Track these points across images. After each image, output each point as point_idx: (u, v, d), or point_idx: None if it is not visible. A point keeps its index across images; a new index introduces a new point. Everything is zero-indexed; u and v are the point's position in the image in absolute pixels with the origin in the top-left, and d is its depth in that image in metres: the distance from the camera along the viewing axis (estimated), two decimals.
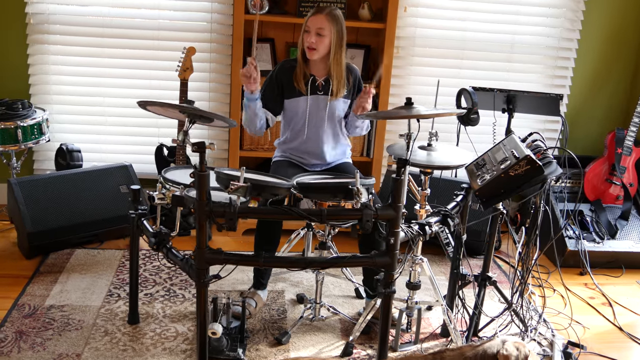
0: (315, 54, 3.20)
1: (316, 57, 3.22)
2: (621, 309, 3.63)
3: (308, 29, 3.18)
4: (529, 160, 2.63)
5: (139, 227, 2.85)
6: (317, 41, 3.16)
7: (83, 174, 3.87)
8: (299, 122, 3.35)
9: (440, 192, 3.82)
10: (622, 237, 4.11)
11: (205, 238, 2.36)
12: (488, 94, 3.42)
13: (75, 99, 4.24)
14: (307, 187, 2.53)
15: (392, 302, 2.55)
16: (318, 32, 3.16)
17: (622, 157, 4.28)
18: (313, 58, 3.22)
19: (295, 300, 3.45)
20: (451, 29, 4.39)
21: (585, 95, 4.70)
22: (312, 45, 3.17)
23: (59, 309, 3.21)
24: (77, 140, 4.26)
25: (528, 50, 4.50)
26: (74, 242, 3.83)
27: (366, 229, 2.38)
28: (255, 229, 3.23)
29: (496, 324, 3.19)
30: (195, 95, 4.22)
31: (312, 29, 3.16)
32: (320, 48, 3.18)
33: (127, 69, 4.22)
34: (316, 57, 3.21)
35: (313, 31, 3.16)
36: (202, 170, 2.28)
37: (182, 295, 3.41)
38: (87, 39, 4.14)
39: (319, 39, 3.16)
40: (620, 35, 4.61)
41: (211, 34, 4.21)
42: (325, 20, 3.15)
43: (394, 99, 4.33)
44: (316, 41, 3.16)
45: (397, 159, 2.38)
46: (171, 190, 2.68)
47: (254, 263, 2.41)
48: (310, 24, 3.17)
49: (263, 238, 3.20)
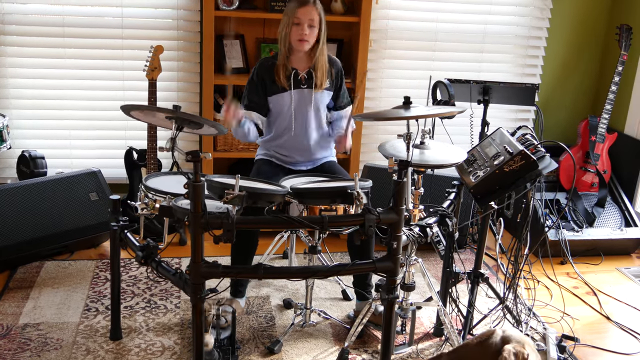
0: (307, 45, 3.16)
1: (307, 49, 3.19)
2: (606, 298, 3.65)
3: (299, 21, 3.11)
4: (524, 155, 2.60)
5: (122, 239, 2.69)
6: (309, 33, 3.12)
7: (51, 182, 3.66)
8: (285, 119, 3.26)
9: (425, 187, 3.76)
10: (599, 225, 4.14)
11: (200, 252, 2.24)
12: (464, 85, 3.38)
13: (37, 102, 4.03)
14: (303, 193, 2.43)
15: (395, 307, 2.48)
16: (310, 23, 3.12)
17: (595, 145, 4.31)
18: (305, 49, 3.17)
19: (282, 305, 3.35)
20: (423, 20, 4.33)
21: (555, 84, 4.72)
22: (305, 37, 3.12)
23: (35, 328, 3.02)
24: (40, 146, 4.05)
25: (499, 40, 4.48)
26: (43, 254, 3.63)
27: (369, 234, 2.29)
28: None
29: (489, 319, 3.16)
30: (164, 95, 4.05)
31: (304, 20, 3.10)
32: (311, 39, 3.16)
33: (91, 69, 4.02)
34: (307, 48, 3.18)
35: (305, 23, 3.11)
36: (196, 180, 2.15)
37: (164, 307, 3.27)
38: (47, 39, 3.92)
39: (311, 30, 3.13)
40: (588, 24, 4.64)
41: (178, 32, 4.04)
42: (315, 11, 3.13)
43: (370, 92, 4.26)
44: (309, 33, 3.12)
45: (398, 161, 2.30)
46: (157, 200, 2.54)
47: (254, 275, 2.29)
48: (302, 16, 3.10)
49: (242, 243, 3.09)
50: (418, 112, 2.34)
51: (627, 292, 3.72)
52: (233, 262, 3.14)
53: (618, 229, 4.11)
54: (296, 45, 3.13)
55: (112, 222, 2.75)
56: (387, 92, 4.39)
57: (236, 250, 3.13)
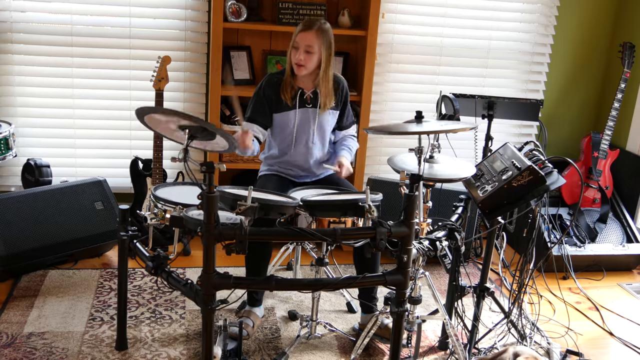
0: (304, 70, 3.12)
1: (304, 74, 3.15)
2: (608, 313, 3.66)
3: (297, 45, 3.10)
4: (532, 171, 2.62)
5: (132, 249, 2.70)
6: (305, 58, 3.08)
7: (56, 191, 3.66)
8: (287, 137, 3.25)
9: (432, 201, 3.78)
10: (601, 240, 4.16)
11: (212, 262, 2.24)
12: (469, 100, 3.41)
13: (43, 111, 4.03)
14: (314, 205, 2.44)
15: (404, 321, 2.48)
16: (307, 49, 3.08)
17: (598, 161, 4.34)
18: (301, 74, 3.15)
19: (288, 317, 3.35)
20: (428, 35, 4.37)
21: (558, 100, 4.76)
22: (300, 62, 3.09)
23: (40, 337, 3.02)
24: (45, 154, 4.04)
25: (503, 55, 4.51)
26: (48, 263, 3.63)
27: (380, 247, 2.30)
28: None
29: (493, 333, 3.17)
30: (170, 105, 4.06)
31: (301, 45, 3.08)
32: (309, 65, 3.11)
33: (98, 79, 4.03)
34: (304, 73, 3.14)
35: (302, 48, 3.08)
36: (210, 191, 2.16)
37: (169, 317, 3.27)
38: (55, 48, 3.93)
39: (308, 56, 3.09)
40: (591, 41, 4.68)
41: (185, 42, 4.06)
42: (314, 37, 3.07)
43: (376, 105, 4.28)
44: (304, 58, 3.08)
45: (409, 175, 2.31)
46: (168, 211, 2.55)
47: (266, 287, 2.30)
48: (299, 41, 3.08)
49: (256, 254, 3.09)
50: (432, 127, 2.36)
51: (629, 308, 3.73)
52: (248, 272, 3.13)
53: (620, 245, 4.13)
54: (294, 68, 3.12)
55: (121, 231, 2.75)
56: (392, 105, 4.41)
57: (250, 260, 3.12)
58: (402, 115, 4.42)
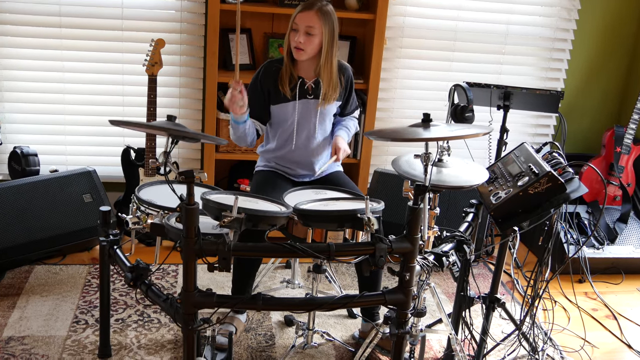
0: (304, 54, 2.86)
1: (304, 58, 2.88)
2: (626, 322, 3.43)
3: (296, 27, 2.83)
4: (551, 177, 2.37)
5: (112, 256, 2.49)
6: (305, 41, 2.82)
7: (42, 183, 3.45)
8: (286, 130, 3.01)
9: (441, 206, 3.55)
10: (621, 242, 3.91)
11: (193, 280, 2.03)
12: (484, 90, 3.17)
13: (30, 96, 3.80)
14: (308, 215, 2.21)
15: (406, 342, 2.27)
16: (307, 30, 2.81)
17: (620, 156, 4.07)
18: (301, 59, 2.88)
19: (283, 322, 3.15)
20: (442, 18, 4.08)
21: (579, 90, 4.46)
22: (299, 46, 2.83)
23: (19, 342, 2.83)
24: (33, 142, 3.83)
25: (522, 41, 4.22)
26: (33, 258, 3.44)
27: (379, 265, 2.08)
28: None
29: (502, 345, 2.96)
30: (165, 91, 3.83)
31: (301, 27, 2.81)
32: (309, 49, 2.84)
33: (88, 62, 3.79)
34: (304, 57, 2.88)
35: (302, 30, 2.81)
36: (190, 202, 1.93)
37: (158, 320, 3.07)
38: (42, 29, 3.68)
39: (308, 38, 2.82)
40: (617, 28, 4.37)
41: (181, 24, 3.81)
42: (315, 17, 2.80)
43: (383, 93, 4.02)
44: (304, 41, 2.82)
45: (414, 186, 2.08)
46: (151, 215, 2.33)
47: (252, 307, 2.08)
48: (299, 22, 2.82)
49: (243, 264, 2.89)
50: (439, 132, 2.11)
51: None
52: (234, 282, 2.93)
53: None
54: (293, 52, 2.87)
55: (102, 235, 2.54)
56: (402, 93, 4.14)
57: (238, 269, 2.92)
58: (412, 104, 4.16)
